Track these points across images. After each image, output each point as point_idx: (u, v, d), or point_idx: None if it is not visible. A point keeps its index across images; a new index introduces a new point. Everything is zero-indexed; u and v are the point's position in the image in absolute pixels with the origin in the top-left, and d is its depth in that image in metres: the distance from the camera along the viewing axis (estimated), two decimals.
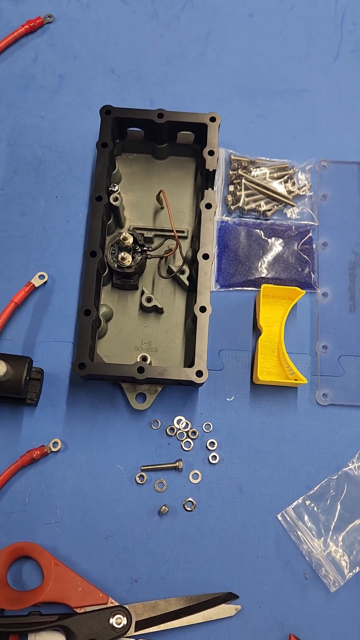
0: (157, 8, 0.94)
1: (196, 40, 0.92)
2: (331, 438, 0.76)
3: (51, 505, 0.73)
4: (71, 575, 0.69)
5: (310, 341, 0.80)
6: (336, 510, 0.74)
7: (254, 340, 0.80)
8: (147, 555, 0.72)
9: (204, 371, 0.70)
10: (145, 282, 0.80)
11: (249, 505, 0.74)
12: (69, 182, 0.85)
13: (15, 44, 0.91)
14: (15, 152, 0.86)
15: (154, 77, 0.91)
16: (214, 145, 0.78)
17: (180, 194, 0.83)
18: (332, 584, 0.71)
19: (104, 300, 0.79)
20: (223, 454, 0.75)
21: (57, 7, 0.93)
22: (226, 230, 0.83)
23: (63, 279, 0.81)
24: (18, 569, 0.71)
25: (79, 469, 0.75)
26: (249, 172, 0.85)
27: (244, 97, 0.90)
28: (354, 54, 0.92)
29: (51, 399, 0.77)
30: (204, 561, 0.72)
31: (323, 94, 0.90)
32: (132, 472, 0.75)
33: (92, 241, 0.74)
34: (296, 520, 0.73)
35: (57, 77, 0.90)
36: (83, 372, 0.70)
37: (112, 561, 0.72)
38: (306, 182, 0.85)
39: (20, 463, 0.73)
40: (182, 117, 0.79)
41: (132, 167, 0.84)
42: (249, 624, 0.70)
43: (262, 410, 0.77)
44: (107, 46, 0.92)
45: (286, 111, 0.89)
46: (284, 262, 0.82)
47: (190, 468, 0.75)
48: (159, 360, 0.77)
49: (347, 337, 0.80)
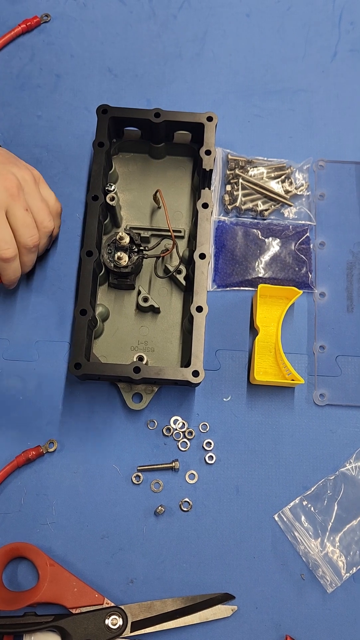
0: (154, 7, 0.94)
1: (193, 40, 0.92)
2: (328, 438, 0.76)
3: (47, 506, 0.73)
4: (67, 576, 0.68)
5: (308, 341, 0.80)
6: (333, 510, 0.73)
7: (250, 340, 0.79)
8: (143, 556, 0.72)
9: (200, 371, 0.70)
10: (141, 282, 0.80)
11: (245, 505, 0.74)
12: (66, 182, 0.85)
13: (12, 43, 0.91)
14: (11, 152, 0.86)
15: (151, 77, 0.90)
16: (211, 145, 0.78)
17: (177, 194, 0.83)
18: (329, 584, 0.71)
19: (100, 300, 0.79)
20: (219, 454, 0.75)
21: (54, 6, 0.93)
22: (223, 230, 0.83)
23: (59, 278, 0.81)
24: (13, 570, 0.71)
25: (75, 469, 0.74)
26: (246, 172, 0.85)
27: (241, 96, 0.90)
28: (352, 53, 0.92)
29: (47, 399, 0.76)
30: (201, 562, 0.72)
31: (320, 93, 0.90)
32: (128, 472, 0.74)
33: (88, 241, 0.74)
34: (293, 521, 0.73)
35: (54, 76, 0.90)
36: (79, 372, 0.70)
37: (108, 561, 0.72)
38: (303, 182, 0.85)
39: (16, 463, 0.73)
40: (179, 117, 0.79)
41: (128, 167, 0.84)
42: (246, 624, 0.70)
43: (259, 410, 0.77)
44: (104, 45, 0.92)
45: (283, 111, 0.89)
46: (281, 262, 0.82)
47: (186, 468, 0.75)
48: (156, 360, 0.77)
49: (345, 337, 0.80)
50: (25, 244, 0.72)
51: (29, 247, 0.72)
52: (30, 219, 0.72)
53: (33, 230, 0.72)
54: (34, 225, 0.72)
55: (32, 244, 0.72)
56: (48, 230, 0.74)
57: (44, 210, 0.73)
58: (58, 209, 0.77)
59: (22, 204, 0.70)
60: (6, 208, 0.69)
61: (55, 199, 0.77)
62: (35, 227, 0.72)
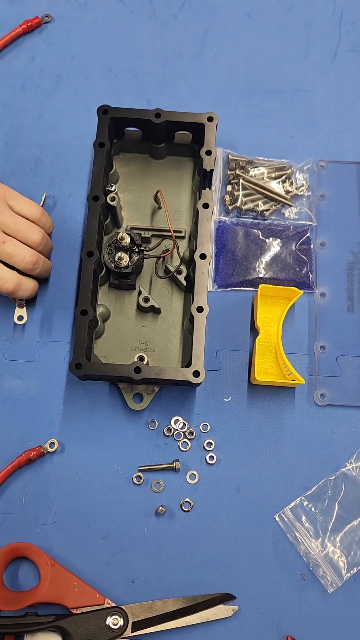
0: (154, 7, 0.94)
1: (194, 40, 0.92)
2: (329, 438, 0.76)
3: (48, 506, 0.73)
4: (68, 576, 0.68)
5: (308, 341, 0.80)
6: (334, 510, 0.73)
7: (251, 340, 0.79)
8: (144, 556, 0.72)
9: (201, 371, 0.70)
10: (142, 282, 0.80)
11: (246, 505, 0.74)
12: (66, 182, 0.85)
13: (13, 43, 0.91)
14: (12, 152, 0.86)
15: (151, 77, 0.90)
16: (211, 145, 0.78)
17: (178, 194, 0.83)
18: (329, 584, 0.71)
19: (101, 300, 0.79)
20: (220, 455, 0.75)
21: (55, 7, 0.93)
22: (224, 230, 0.83)
23: (60, 278, 0.81)
24: (14, 570, 0.71)
25: (76, 470, 0.74)
26: (246, 172, 0.85)
27: (242, 97, 0.90)
28: (353, 53, 0.92)
29: (48, 399, 0.77)
30: (201, 562, 0.72)
31: (321, 93, 0.90)
32: (129, 472, 0.74)
33: (89, 241, 0.74)
34: (294, 521, 0.73)
35: (55, 76, 0.90)
36: (80, 372, 0.70)
37: (108, 562, 0.72)
38: (304, 182, 0.85)
39: (17, 463, 0.73)
40: (180, 117, 0.79)
41: (129, 167, 0.84)
42: (246, 624, 0.70)
43: (260, 410, 0.77)
44: (105, 46, 0.92)
45: (284, 111, 0.89)
46: (281, 262, 0.82)
47: (187, 468, 0.75)
48: (156, 360, 0.77)
49: (345, 337, 0.80)
50: (25, 268, 0.73)
51: (29, 269, 0.74)
52: (13, 247, 0.72)
53: (22, 254, 0.72)
54: (21, 248, 0.72)
55: (31, 264, 0.73)
56: (38, 241, 0.74)
57: (22, 226, 0.73)
58: (37, 213, 0.76)
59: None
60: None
61: (31, 205, 0.76)
62: (23, 250, 0.73)
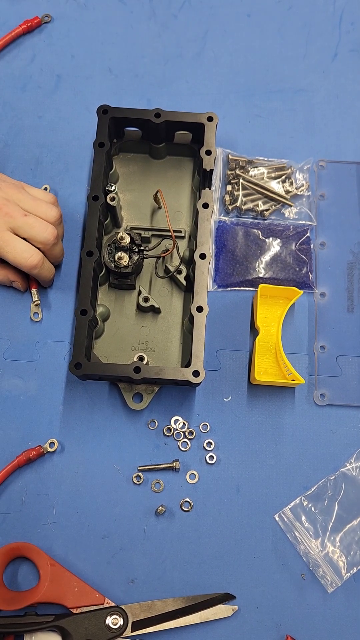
0: (154, 7, 0.94)
1: (194, 40, 0.92)
2: (329, 438, 0.76)
3: (48, 506, 0.73)
4: (67, 576, 0.68)
5: (308, 341, 0.80)
6: (334, 510, 0.73)
7: (251, 340, 0.79)
8: (144, 556, 0.72)
9: (201, 371, 0.70)
10: (142, 282, 0.80)
11: (246, 505, 0.74)
12: (66, 182, 0.85)
13: (13, 43, 0.91)
14: (12, 152, 0.86)
15: (151, 77, 0.90)
16: (211, 145, 0.78)
17: (178, 194, 0.83)
18: (329, 584, 0.71)
19: (100, 300, 0.79)
20: (220, 454, 0.75)
21: (55, 7, 0.93)
22: (224, 230, 0.83)
23: (60, 278, 0.81)
24: (14, 570, 0.71)
25: (76, 469, 0.74)
26: (246, 172, 0.85)
27: (242, 96, 0.90)
28: (353, 53, 0.92)
29: (48, 399, 0.77)
30: (201, 561, 0.72)
31: (321, 93, 0.90)
32: (129, 472, 0.74)
33: (88, 241, 0.74)
34: (293, 521, 0.73)
35: (55, 76, 0.90)
36: (79, 372, 0.70)
37: (108, 561, 0.72)
38: (304, 182, 0.85)
39: (17, 463, 0.73)
40: (180, 117, 0.79)
41: (129, 167, 0.84)
42: (246, 624, 0.70)
43: (260, 410, 0.77)
44: (105, 46, 0.92)
45: (284, 111, 0.89)
46: (281, 262, 0.82)
47: (187, 468, 0.75)
48: (156, 360, 0.77)
49: (345, 337, 0.80)
50: (44, 241, 0.74)
51: (50, 241, 0.75)
52: (34, 219, 0.74)
53: (42, 226, 0.74)
54: (41, 222, 0.74)
55: (52, 236, 0.74)
56: (56, 218, 0.76)
57: (41, 205, 0.76)
58: (52, 199, 0.79)
59: (18, 214, 0.73)
60: (8, 226, 0.72)
61: (45, 192, 0.79)
62: (43, 223, 0.74)
